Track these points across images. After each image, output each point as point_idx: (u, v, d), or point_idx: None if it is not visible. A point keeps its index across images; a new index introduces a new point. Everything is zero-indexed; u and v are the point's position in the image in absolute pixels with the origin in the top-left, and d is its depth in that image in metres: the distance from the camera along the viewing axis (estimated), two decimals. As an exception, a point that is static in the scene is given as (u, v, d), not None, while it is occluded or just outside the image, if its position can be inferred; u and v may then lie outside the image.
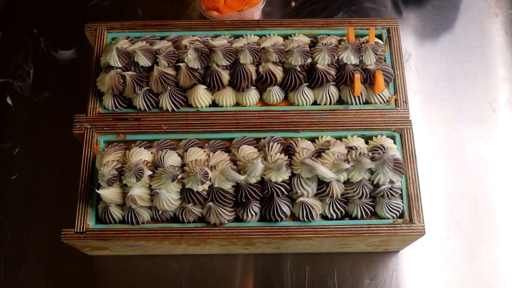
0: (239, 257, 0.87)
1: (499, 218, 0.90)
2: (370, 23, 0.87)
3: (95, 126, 0.81)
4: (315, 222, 0.76)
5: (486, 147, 0.95)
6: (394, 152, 0.77)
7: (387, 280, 0.86)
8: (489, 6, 1.06)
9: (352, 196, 0.76)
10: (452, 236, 0.89)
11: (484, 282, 0.86)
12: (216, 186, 0.75)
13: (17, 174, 0.93)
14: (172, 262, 0.87)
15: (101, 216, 0.77)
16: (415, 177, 0.78)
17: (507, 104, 0.99)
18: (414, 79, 1.00)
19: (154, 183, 0.75)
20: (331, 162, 0.74)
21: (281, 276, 0.86)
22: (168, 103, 0.81)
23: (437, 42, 1.04)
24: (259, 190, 0.75)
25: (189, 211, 0.76)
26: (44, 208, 0.90)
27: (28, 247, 0.88)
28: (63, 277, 0.87)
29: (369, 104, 0.82)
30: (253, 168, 0.74)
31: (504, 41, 1.03)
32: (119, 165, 0.76)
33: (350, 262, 0.87)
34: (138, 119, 0.81)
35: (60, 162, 0.93)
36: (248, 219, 0.76)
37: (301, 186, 0.75)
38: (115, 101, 0.82)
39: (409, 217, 0.77)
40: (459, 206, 0.91)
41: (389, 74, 0.82)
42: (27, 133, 0.96)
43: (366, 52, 0.81)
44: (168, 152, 0.76)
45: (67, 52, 1.02)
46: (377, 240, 0.78)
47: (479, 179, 0.93)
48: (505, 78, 1.01)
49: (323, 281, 0.86)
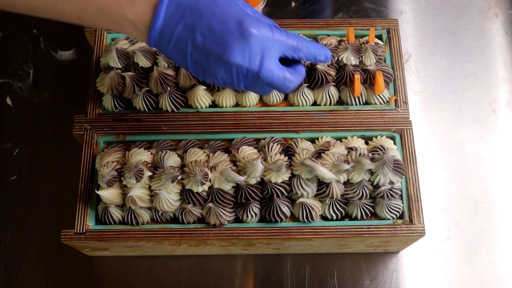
0: (239, 258, 0.87)
1: (499, 219, 0.90)
2: (370, 24, 0.87)
3: (94, 126, 0.81)
4: (315, 223, 0.76)
5: (486, 147, 0.95)
6: (394, 153, 0.77)
7: (387, 281, 0.86)
8: (489, 7, 1.06)
9: (352, 197, 0.76)
10: (452, 236, 0.89)
11: (484, 283, 0.86)
12: (216, 187, 0.75)
13: (17, 175, 0.93)
14: (172, 263, 0.87)
15: (101, 217, 0.77)
16: (415, 178, 0.78)
17: (507, 104, 0.99)
18: (414, 79, 1.00)
19: (154, 184, 0.75)
20: (331, 163, 0.74)
21: (281, 277, 0.86)
22: (168, 104, 0.81)
23: (437, 42, 1.03)
24: (259, 191, 0.75)
25: (189, 212, 0.76)
26: (44, 209, 0.90)
27: (28, 247, 0.88)
28: (63, 277, 0.87)
29: (369, 105, 0.82)
30: (253, 169, 0.74)
31: (504, 41, 1.03)
32: (119, 166, 0.76)
33: (350, 263, 0.87)
34: (138, 119, 0.81)
35: (60, 162, 0.93)
36: (248, 220, 0.76)
37: (301, 187, 0.74)
38: (115, 101, 0.82)
39: (409, 217, 0.77)
40: (459, 207, 0.91)
41: (389, 74, 0.82)
42: (27, 134, 0.96)
43: (366, 52, 0.81)
44: (168, 153, 0.76)
45: (67, 52, 1.02)
46: (377, 240, 0.78)
47: (479, 179, 0.93)
48: (505, 79, 1.01)
49: (323, 281, 0.86)
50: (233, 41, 0.60)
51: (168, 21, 0.61)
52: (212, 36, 0.60)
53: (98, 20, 0.63)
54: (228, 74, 0.62)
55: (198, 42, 0.61)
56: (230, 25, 0.60)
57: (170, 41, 0.61)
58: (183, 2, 0.60)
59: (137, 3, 0.60)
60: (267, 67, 0.62)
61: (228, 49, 0.60)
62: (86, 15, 0.62)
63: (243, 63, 0.61)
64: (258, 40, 0.60)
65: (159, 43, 0.62)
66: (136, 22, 0.61)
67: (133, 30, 0.62)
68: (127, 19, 0.61)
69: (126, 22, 0.62)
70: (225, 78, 0.63)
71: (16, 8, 0.63)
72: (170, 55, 0.63)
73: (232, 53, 0.60)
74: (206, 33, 0.60)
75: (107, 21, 0.63)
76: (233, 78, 0.62)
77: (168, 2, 0.60)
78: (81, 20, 0.64)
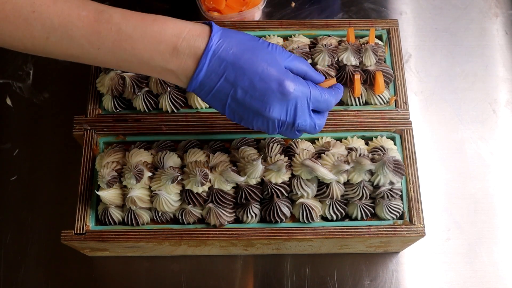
0: (239, 258, 0.87)
1: (500, 219, 0.90)
2: (370, 24, 0.87)
3: (94, 127, 0.81)
4: (315, 223, 0.76)
5: (486, 147, 0.95)
6: (394, 153, 0.77)
7: (387, 281, 0.86)
8: (489, 7, 1.06)
9: (352, 197, 0.76)
10: (452, 237, 0.89)
11: (484, 283, 0.86)
12: (216, 187, 0.75)
13: (17, 175, 0.93)
14: (172, 263, 0.87)
15: (101, 217, 0.77)
16: (415, 178, 0.78)
17: (507, 104, 0.99)
18: (414, 79, 1.00)
19: (154, 185, 0.75)
20: (331, 163, 0.74)
21: (281, 277, 0.86)
22: (168, 104, 0.81)
23: (437, 42, 1.03)
24: (259, 191, 0.75)
25: (189, 212, 0.76)
26: (44, 209, 0.90)
27: (27, 248, 0.88)
28: (63, 278, 0.87)
29: (369, 105, 0.82)
30: (253, 169, 0.74)
31: (504, 41, 1.03)
32: (119, 167, 0.76)
33: (350, 263, 0.87)
34: (138, 120, 0.81)
35: (60, 163, 0.93)
36: (248, 220, 0.76)
37: (301, 187, 0.74)
38: (114, 102, 0.82)
39: (409, 218, 0.76)
40: (459, 207, 0.91)
41: (389, 75, 0.82)
42: (27, 134, 0.96)
43: (366, 53, 0.81)
44: (168, 153, 0.76)
45: (67, 52, 1.02)
46: (377, 241, 0.78)
47: (479, 179, 0.93)
48: (505, 79, 1.01)
49: (323, 282, 0.86)
50: (273, 100, 0.64)
51: (210, 74, 0.63)
52: (253, 92, 0.64)
53: (140, 69, 0.65)
54: (265, 125, 0.67)
55: (238, 96, 0.64)
56: (272, 85, 0.64)
57: (210, 92, 0.64)
58: (226, 58, 0.63)
59: (181, 57, 0.62)
60: (302, 119, 0.67)
61: (268, 106, 0.64)
62: (128, 65, 0.64)
63: (281, 118, 0.66)
64: (295, 97, 0.65)
65: (199, 91, 0.65)
66: (178, 72, 0.64)
67: (173, 78, 0.65)
68: (169, 70, 0.64)
69: (168, 72, 0.64)
70: (261, 127, 0.68)
71: (54, 56, 0.63)
72: (208, 102, 0.66)
73: (272, 110, 0.65)
74: (247, 89, 0.63)
75: (148, 71, 0.65)
76: (269, 128, 0.67)
77: (211, 57, 0.62)
78: (121, 68, 0.66)
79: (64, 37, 0.60)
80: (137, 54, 0.62)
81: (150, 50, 0.62)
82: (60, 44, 0.61)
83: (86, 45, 0.61)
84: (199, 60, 0.62)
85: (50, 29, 0.60)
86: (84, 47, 0.61)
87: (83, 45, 0.61)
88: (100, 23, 0.61)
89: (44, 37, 0.60)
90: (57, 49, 0.62)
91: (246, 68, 0.63)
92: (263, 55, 0.64)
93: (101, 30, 0.61)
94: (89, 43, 0.61)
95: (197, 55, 0.62)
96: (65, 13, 0.60)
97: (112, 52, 0.62)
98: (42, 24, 0.59)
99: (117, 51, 0.62)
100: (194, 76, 0.63)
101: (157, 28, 0.62)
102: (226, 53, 0.63)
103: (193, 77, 0.63)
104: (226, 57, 0.63)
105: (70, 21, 0.60)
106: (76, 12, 0.60)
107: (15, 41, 0.60)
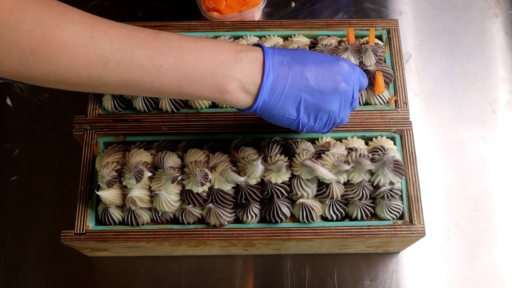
0: (239, 258, 0.87)
1: (500, 219, 0.90)
2: (370, 24, 0.87)
3: (94, 127, 0.81)
4: (315, 223, 0.76)
5: (486, 147, 0.95)
6: (394, 153, 0.77)
7: (387, 281, 0.86)
8: (489, 7, 1.06)
9: (352, 197, 0.76)
10: (452, 237, 0.89)
11: (484, 283, 0.86)
12: (216, 187, 0.75)
13: (17, 175, 0.93)
14: (172, 263, 0.87)
15: (101, 217, 0.77)
16: (415, 178, 0.78)
17: (507, 105, 0.99)
18: (414, 80, 1.00)
19: (154, 185, 0.75)
20: (331, 163, 0.74)
21: (281, 277, 0.86)
22: (168, 104, 0.81)
23: (437, 42, 1.03)
24: (259, 191, 0.75)
25: (189, 213, 0.76)
26: (44, 210, 0.90)
27: (27, 248, 0.88)
28: (63, 278, 0.87)
29: (369, 105, 0.82)
30: (253, 170, 0.74)
31: (504, 41, 1.03)
32: (119, 167, 0.76)
33: (350, 263, 0.87)
34: (138, 120, 0.81)
35: (60, 163, 0.93)
36: (248, 220, 0.76)
37: (301, 187, 0.74)
38: (114, 102, 0.82)
39: (409, 218, 0.76)
40: (459, 207, 0.91)
41: (389, 75, 0.82)
42: (27, 134, 0.96)
43: (366, 53, 0.81)
44: (168, 153, 0.76)
45: (67, 53, 1.02)
46: (377, 241, 0.78)
47: (479, 180, 0.93)
48: (505, 79, 1.01)
49: (323, 282, 0.86)
50: (342, 73, 0.66)
51: (278, 72, 0.63)
52: (322, 74, 0.65)
53: (201, 88, 0.62)
54: (337, 105, 0.67)
55: (311, 82, 0.64)
56: (333, 61, 0.66)
57: (282, 94, 0.64)
58: (285, 54, 0.64)
59: (243, 62, 0.62)
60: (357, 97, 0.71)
61: (342, 78, 0.66)
62: (189, 83, 0.62)
63: (350, 89, 0.67)
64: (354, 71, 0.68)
65: (269, 98, 0.64)
66: (244, 80, 0.62)
67: (238, 92, 0.63)
68: (235, 79, 0.62)
69: (234, 83, 0.62)
70: (335, 111, 0.67)
71: (108, 86, 0.60)
72: (279, 109, 0.65)
73: (344, 83, 0.66)
74: (316, 73, 0.64)
75: (210, 87, 0.62)
76: (340, 107, 0.67)
77: (271, 56, 0.63)
78: (181, 90, 0.62)
79: (124, 59, 0.58)
80: (200, 66, 0.60)
81: (213, 60, 0.61)
82: (119, 68, 0.58)
83: (147, 64, 0.59)
84: (263, 60, 0.63)
85: (109, 53, 0.57)
86: (145, 67, 0.59)
87: (144, 65, 0.59)
88: (161, 41, 0.60)
89: (102, 62, 0.58)
90: (115, 74, 0.59)
91: (304, 58, 0.65)
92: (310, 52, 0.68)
93: (162, 47, 0.59)
94: (151, 61, 0.59)
95: (258, 59, 0.63)
96: (124, 36, 0.58)
97: (174, 68, 0.60)
98: (102, 48, 0.57)
99: (179, 66, 0.60)
100: (264, 78, 0.62)
101: (215, 42, 0.63)
102: (282, 54, 0.64)
103: (264, 79, 0.62)
104: (286, 55, 0.64)
105: (130, 42, 0.58)
106: (135, 34, 0.59)
107: (69, 71, 0.57)
